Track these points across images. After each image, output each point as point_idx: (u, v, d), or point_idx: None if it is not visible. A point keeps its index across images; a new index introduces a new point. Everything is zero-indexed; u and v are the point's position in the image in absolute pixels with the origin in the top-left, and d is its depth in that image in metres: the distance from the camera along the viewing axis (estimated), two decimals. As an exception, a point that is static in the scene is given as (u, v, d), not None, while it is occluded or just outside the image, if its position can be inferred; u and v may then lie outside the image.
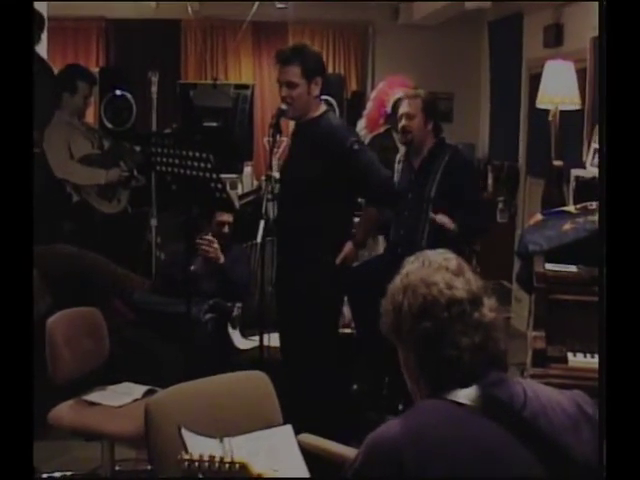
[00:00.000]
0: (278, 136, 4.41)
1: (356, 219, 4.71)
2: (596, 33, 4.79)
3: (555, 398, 1.95)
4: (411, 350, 1.94)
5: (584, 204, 4.40)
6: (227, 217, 5.15)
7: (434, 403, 1.89)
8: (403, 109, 5.13)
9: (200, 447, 2.53)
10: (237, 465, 2.26)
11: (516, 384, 1.92)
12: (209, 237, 4.99)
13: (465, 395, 1.86)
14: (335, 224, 4.40)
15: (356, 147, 4.29)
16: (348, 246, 4.41)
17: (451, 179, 4.99)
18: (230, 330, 5.01)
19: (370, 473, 1.82)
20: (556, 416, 1.89)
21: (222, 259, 5.00)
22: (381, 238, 6.51)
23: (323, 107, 4.44)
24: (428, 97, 5.16)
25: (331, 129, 4.37)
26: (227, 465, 2.25)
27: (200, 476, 2.25)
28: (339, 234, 4.42)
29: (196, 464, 2.23)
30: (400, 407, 4.91)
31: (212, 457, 2.24)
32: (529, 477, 1.82)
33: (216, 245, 4.99)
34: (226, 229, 5.17)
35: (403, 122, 5.11)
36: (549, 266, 4.02)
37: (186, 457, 2.25)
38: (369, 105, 6.69)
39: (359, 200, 4.77)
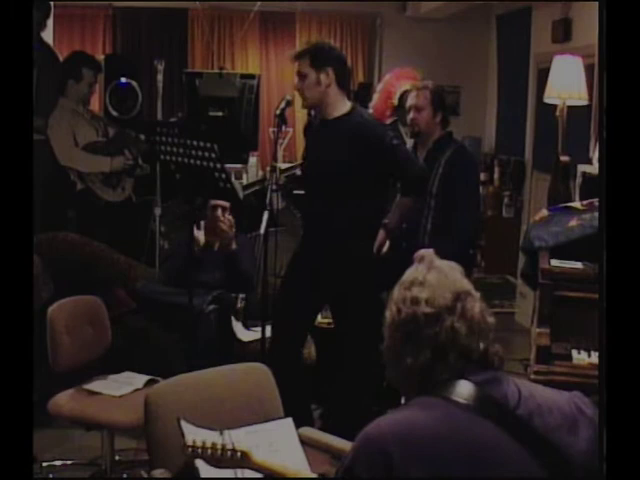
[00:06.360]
0: (283, 127, 4.44)
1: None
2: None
3: (551, 398, 1.95)
4: (399, 341, 1.93)
5: (590, 200, 4.37)
6: (223, 203, 5.06)
7: (427, 400, 1.88)
8: (411, 101, 5.08)
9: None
10: (239, 453, 2.30)
11: (510, 383, 1.92)
12: (230, 217, 4.90)
13: (459, 393, 1.85)
14: (371, 217, 4.39)
15: (395, 142, 4.31)
16: (381, 234, 4.41)
17: (451, 176, 4.94)
18: (233, 322, 4.98)
19: (359, 470, 1.81)
20: (551, 415, 1.89)
21: (234, 245, 4.94)
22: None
23: (349, 104, 4.38)
24: (436, 89, 5.11)
25: (368, 124, 4.36)
26: (229, 453, 2.30)
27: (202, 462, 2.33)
28: (374, 227, 4.42)
29: (199, 451, 2.29)
30: (402, 400, 4.89)
31: (214, 444, 2.29)
32: (523, 476, 1.82)
33: (234, 229, 4.92)
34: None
35: (411, 114, 5.06)
36: (554, 262, 3.99)
37: (189, 444, 2.30)
38: (375, 97, 6.65)
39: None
